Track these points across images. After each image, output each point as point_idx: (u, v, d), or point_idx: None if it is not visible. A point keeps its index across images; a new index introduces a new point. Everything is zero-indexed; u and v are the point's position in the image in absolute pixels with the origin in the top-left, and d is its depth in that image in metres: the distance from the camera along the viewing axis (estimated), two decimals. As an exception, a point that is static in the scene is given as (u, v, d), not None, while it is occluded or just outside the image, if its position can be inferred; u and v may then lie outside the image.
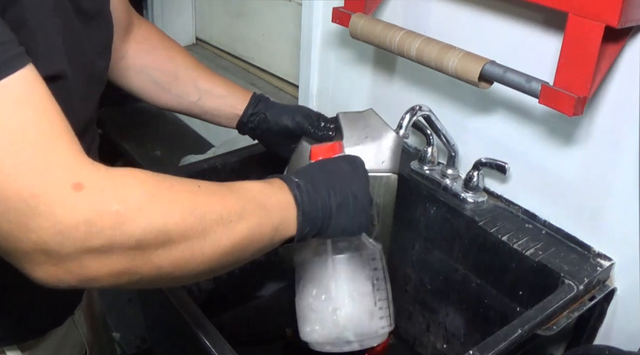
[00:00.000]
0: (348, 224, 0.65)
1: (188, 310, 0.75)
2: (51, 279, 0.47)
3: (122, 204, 0.46)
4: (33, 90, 0.46)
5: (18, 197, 0.43)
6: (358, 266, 0.76)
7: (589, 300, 0.85)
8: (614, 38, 0.74)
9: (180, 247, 0.50)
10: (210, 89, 0.93)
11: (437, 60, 0.90)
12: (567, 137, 0.89)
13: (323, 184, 0.63)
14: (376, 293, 0.76)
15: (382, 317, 0.77)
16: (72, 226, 0.44)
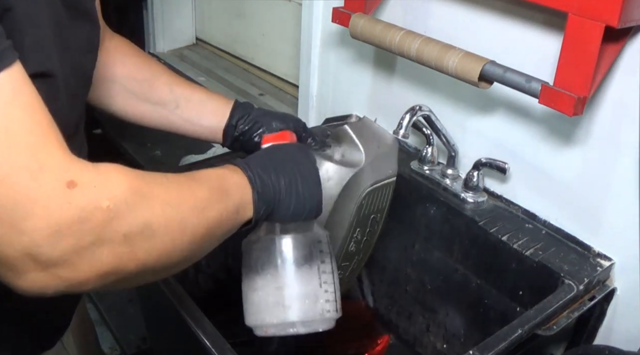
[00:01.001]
0: (298, 205, 0.66)
1: (188, 310, 0.75)
2: (38, 286, 0.46)
3: (112, 200, 0.46)
4: (21, 88, 0.45)
5: (11, 200, 0.43)
6: (305, 247, 0.75)
7: (589, 300, 0.85)
8: (614, 38, 0.74)
9: (163, 239, 0.51)
10: (188, 96, 0.86)
11: (437, 60, 0.90)
12: (567, 137, 0.89)
13: (272, 166, 0.65)
14: (322, 275, 0.76)
15: (328, 300, 0.75)
16: (66, 225, 0.44)
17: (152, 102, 0.85)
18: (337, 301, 0.77)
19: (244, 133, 0.86)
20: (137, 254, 0.49)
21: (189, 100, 0.86)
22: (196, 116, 0.86)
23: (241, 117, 0.86)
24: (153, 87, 0.85)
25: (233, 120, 0.86)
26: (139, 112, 0.86)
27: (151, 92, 0.85)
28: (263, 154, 0.70)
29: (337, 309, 0.77)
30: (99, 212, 0.45)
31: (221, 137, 0.87)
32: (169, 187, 0.53)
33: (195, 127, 0.87)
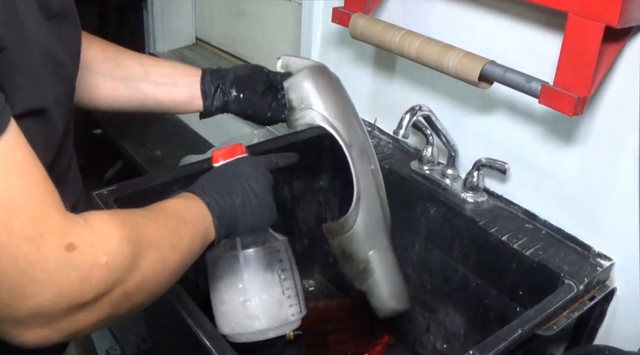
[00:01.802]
0: (253, 220, 0.71)
1: (188, 310, 0.75)
2: (38, 340, 0.47)
3: (109, 255, 0.48)
4: (18, 153, 0.45)
5: (13, 267, 0.44)
6: (265, 259, 0.81)
7: (589, 300, 0.85)
8: (614, 38, 0.74)
9: (151, 280, 0.54)
10: (156, 63, 0.85)
11: (437, 60, 0.90)
12: (567, 137, 0.89)
13: (225, 188, 0.69)
14: (283, 283, 0.81)
15: (292, 305, 0.82)
16: (67, 286, 0.46)
17: (122, 78, 0.83)
18: (300, 303, 0.84)
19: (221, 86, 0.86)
20: (131, 299, 0.52)
21: (158, 66, 0.85)
22: (169, 80, 0.85)
23: (213, 73, 0.87)
24: (120, 64, 0.83)
25: (206, 75, 0.86)
26: (111, 92, 0.83)
27: (119, 68, 0.83)
28: (215, 175, 0.73)
29: (300, 310, 0.83)
30: (98, 269, 0.47)
31: (200, 98, 0.86)
32: (150, 228, 0.56)
33: (170, 93, 0.85)
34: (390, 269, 0.90)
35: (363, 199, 0.86)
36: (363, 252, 0.88)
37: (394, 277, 0.90)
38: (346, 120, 0.87)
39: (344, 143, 0.86)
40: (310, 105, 0.85)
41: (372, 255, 0.88)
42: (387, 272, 0.89)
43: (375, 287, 0.89)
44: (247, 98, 0.87)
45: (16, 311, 0.45)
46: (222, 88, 0.86)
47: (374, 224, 0.88)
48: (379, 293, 0.89)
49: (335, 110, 0.86)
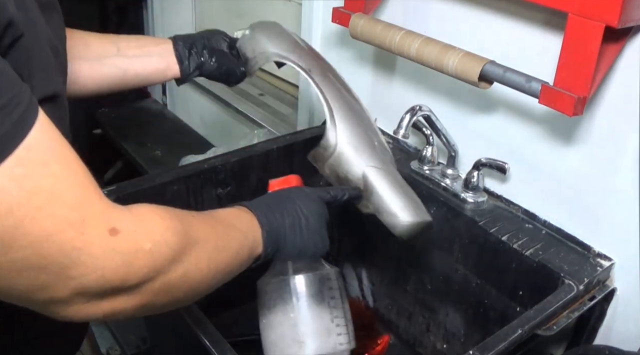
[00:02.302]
0: (302, 244, 0.71)
1: (188, 310, 0.75)
2: (80, 315, 0.48)
3: (153, 242, 0.49)
4: (52, 141, 0.46)
5: (60, 252, 0.45)
6: (314, 285, 0.80)
7: (589, 300, 0.85)
8: (614, 38, 0.74)
9: (194, 275, 0.55)
10: (124, 38, 0.87)
11: (437, 60, 0.90)
12: (567, 137, 0.89)
13: (275, 207, 0.70)
14: (332, 310, 0.80)
15: (340, 333, 0.80)
16: (112, 270, 0.47)
17: (96, 57, 0.85)
18: (349, 333, 0.81)
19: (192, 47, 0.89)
20: (171, 289, 0.52)
21: (126, 41, 0.87)
22: (141, 51, 0.87)
23: (182, 38, 0.89)
24: (89, 45, 0.84)
25: (178, 41, 0.89)
26: (89, 73, 0.84)
27: (90, 49, 0.84)
28: (267, 197, 0.74)
29: (349, 341, 0.81)
30: (142, 254, 0.48)
31: (176, 64, 0.88)
32: (197, 226, 0.57)
33: (145, 64, 0.87)
34: (393, 182, 0.84)
35: (337, 115, 0.84)
36: (357, 170, 0.83)
37: (400, 189, 0.84)
38: (299, 50, 0.90)
39: (301, 68, 0.86)
40: (261, 48, 0.90)
41: (368, 171, 0.83)
42: (390, 185, 0.83)
43: (381, 203, 0.83)
44: (219, 58, 0.91)
45: (60, 291, 0.46)
46: (194, 51, 0.89)
47: (358, 139, 0.84)
48: (387, 209, 0.83)
49: (283, 45, 0.90)
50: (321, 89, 0.85)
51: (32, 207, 0.43)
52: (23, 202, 0.43)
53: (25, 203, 0.43)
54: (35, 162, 0.44)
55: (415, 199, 0.85)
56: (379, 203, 0.83)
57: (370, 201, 0.84)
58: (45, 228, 0.44)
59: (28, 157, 0.43)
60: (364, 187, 0.83)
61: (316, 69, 0.88)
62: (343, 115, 0.84)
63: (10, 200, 0.42)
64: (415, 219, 0.83)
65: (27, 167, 0.43)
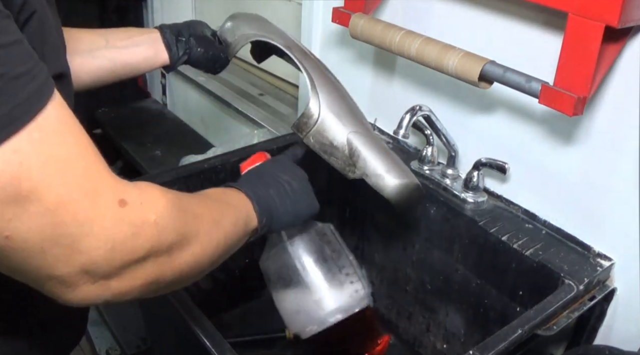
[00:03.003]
0: (293, 208, 0.73)
1: (188, 310, 0.75)
2: (88, 298, 0.49)
3: (157, 214, 0.50)
4: (65, 114, 0.47)
5: (73, 221, 0.45)
6: (312, 244, 0.82)
7: (589, 300, 0.85)
8: (614, 38, 0.74)
9: (195, 249, 0.56)
10: (111, 31, 0.89)
11: (437, 60, 0.90)
12: (567, 137, 0.89)
13: (256, 181, 0.72)
14: (337, 262, 0.83)
15: (352, 281, 0.83)
16: (121, 241, 0.47)
17: (86, 50, 0.86)
18: (361, 280, 0.84)
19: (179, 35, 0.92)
20: (175, 264, 0.53)
21: (114, 33, 0.89)
22: (129, 42, 0.89)
23: (169, 27, 0.92)
24: (78, 39, 0.86)
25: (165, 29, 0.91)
26: (81, 67, 0.85)
27: (79, 43, 0.85)
28: (245, 176, 0.77)
29: (364, 286, 0.84)
30: (148, 226, 0.49)
31: (164, 51, 0.91)
32: (193, 202, 0.58)
33: (135, 53, 0.89)
34: (377, 145, 0.86)
35: (319, 86, 0.86)
36: (341, 136, 0.84)
37: (385, 153, 0.86)
38: (277, 31, 0.94)
39: (281, 44, 0.89)
40: (240, 31, 0.94)
41: (352, 136, 0.84)
42: (375, 148, 0.85)
43: (368, 166, 0.84)
44: (204, 44, 0.94)
45: (69, 268, 0.46)
46: (182, 38, 0.92)
47: (339, 107, 0.86)
48: (374, 171, 0.84)
49: (262, 27, 0.94)
50: (302, 62, 0.88)
51: (48, 173, 0.44)
52: (40, 167, 0.44)
53: (41, 168, 0.44)
54: (52, 131, 0.45)
55: (400, 163, 0.87)
56: (365, 166, 0.84)
57: (357, 166, 0.84)
58: (60, 195, 0.45)
59: (45, 124, 0.45)
60: (349, 152, 0.84)
61: (295, 47, 0.91)
62: (323, 86, 0.87)
63: (28, 164, 0.43)
64: (402, 180, 0.84)
65: (45, 133, 0.45)
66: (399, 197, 0.84)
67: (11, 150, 0.43)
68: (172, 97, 2.12)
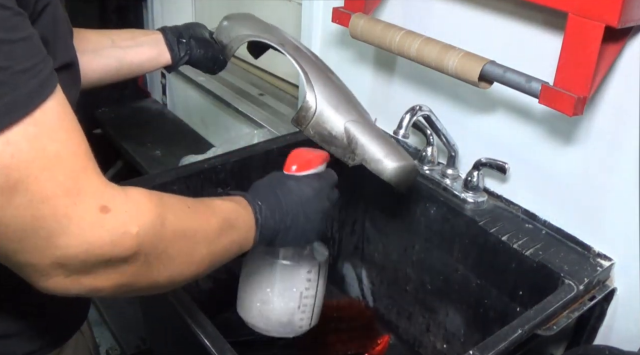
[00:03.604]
0: (294, 240, 0.73)
1: (188, 310, 0.75)
2: (60, 288, 0.50)
3: (140, 227, 0.50)
4: (63, 112, 0.48)
5: (53, 216, 0.46)
6: (293, 275, 0.86)
7: (589, 300, 0.85)
8: (614, 38, 0.74)
9: (176, 263, 0.56)
10: (115, 32, 0.92)
11: (437, 60, 0.90)
12: (567, 137, 0.89)
13: (278, 208, 0.70)
14: (303, 300, 0.87)
15: (302, 318, 0.89)
16: (98, 246, 0.48)
17: (92, 49, 0.89)
18: (312, 317, 0.90)
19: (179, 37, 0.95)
20: (152, 274, 0.54)
21: (118, 34, 0.92)
22: (133, 42, 0.92)
23: (170, 29, 0.95)
24: (84, 38, 0.88)
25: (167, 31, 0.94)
26: (88, 65, 0.87)
27: (86, 42, 0.88)
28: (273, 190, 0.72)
29: (310, 323, 0.90)
30: (128, 237, 0.49)
31: (167, 52, 0.94)
32: (188, 216, 0.58)
33: (139, 53, 0.92)
34: (374, 132, 0.89)
35: (313, 79, 0.88)
36: (339, 126, 0.87)
37: (382, 138, 0.89)
38: (270, 29, 0.97)
39: (274, 42, 0.92)
40: (235, 33, 0.97)
41: (349, 125, 0.87)
42: (372, 135, 0.88)
43: (367, 152, 0.87)
44: (204, 45, 0.97)
45: (44, 259, 0.47)
46: (183, 40, 0.95)
47: (335, 98, 0.89)
48: (373, 156, 0.87)
49: (255, 27, 0.98)
50: (295, 58, 0.90)
51: (37, 166, 0.45)
52: (30, 160, 0.45)
53: (32, 161, 0.45)
54: (47, 126, 0.46)
55: (396, 146, 0.90)
56: (364, 153, 0.87)
57: (356, 153, 0.88)
58: (45, 189, 0.46)
59: (42, 120, 0.46)
60: (347, 140, 0.87)
61: (288, 44, 0.93)
62: (318, 78, 0.89)
63: (20, 156, 0.45)
64: (400, 162, 0.87)
65: (40, 128, 0.46)
66: (397, 179, 0.88)
67: (5, 142, 0.44)
68: (172, 97, 2.12)
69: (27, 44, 0.46)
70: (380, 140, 0.88)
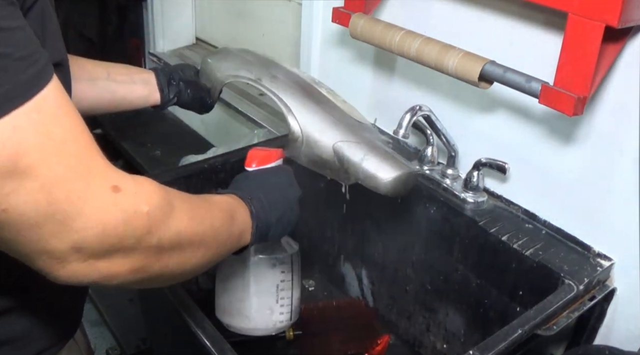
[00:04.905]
0: (281, 232, 0.75)
1: (188, 310, 0.75)
2: (76, 276, 0.50)
3: (150, 206, 0.51)
4: (63, 98, 0.49)
5: (67, 199, 0.47)
6: (269, 269, 0.88)
7: (589, 300, 0.85)
8: (614, 38, 0.74)
9: (185, 248, 0.57)
10: (110, 65, 0.94)
11: (437, 60, 0.90)
12: (567, 137, 0.89)
13: (267, 201, 0.72)
14: (280, 293, 0.89)
15: (282, 313, 0.89)
16: (112, 226, 0.49)
17: (88, 78, 0.90)
18: (291, 312, 0.91)
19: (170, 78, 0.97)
20: (164, 258, 0.55)
21: (114, 67, 0.94)
22: (127, 78, 0.94)
23: (161, 70, 0.98)
24: (81, 67, 0.89)
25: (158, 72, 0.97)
26: (82, 94, 0.88)
27: (83, 71, 0.89)
28: (259, 185, 0.75)
29: (290, 319, 0.92)
30: (140, 216, 0.50)
31: (157, 92, 0.96)
32: (193, 203, 0.60)
33: (132, 89, 0.95)
34: (364, 148, 0.88)
35: (293, 107, 0.89)
36: (328, 149, 0.87)
37: (373, 152, 0.87)
38: (246, 65, 0.98)
39: (250, 79, 0.94)
40: (214, 76, 0.99)
41: (338, 147, 0.87)
42: (361, 152, 0.87)
43: (359, 170, 0.87)
44: (193, 89, 1.00)
45: (61, 244, 0.48)
46: (173, 82, 0.98)
47: (319, 121, 0.89)
48: (365, 174, 0.86)
49: (230, 66, 0.98)
50: (272, 91, 0.91)
51: (46, 151, 0.46)
52: (38, 145, 0.46)
53: (40, 146, 0.46)
54: (49, 112, 0.47)
55: (389, 156, 0.89)
56: (357, 172, 0.87)
57: (350, 173, 0.87)
58: (56, 173, 0.46)
59: (44, 106, 0.47)
60: (339, 162, 0.87)
61: (265, 75, 0.94)
62: (299, 105, 0.90)
63: (27, 141, 0.45)
64: (393, 174, 0.86)
65: (43, 115, 0.46)
66: (394, 191, 0.87)
67: (11, 127, 0.44)
68: (172, 97, 2.12)
69: (23, 32, 0.47)
70: (371, 155, 0.87)
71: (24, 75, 0.46)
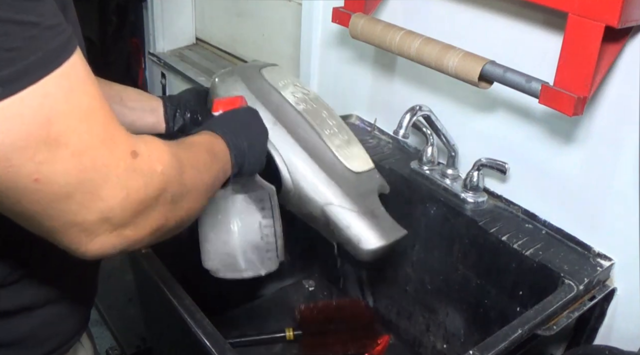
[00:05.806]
0: (255, 163, 0.78)
1: (188, 310, 0.75)
2: (105, 248, 0.51)
3: (164, 165, 0.53)
4: (87, 68, 0.50)
5: (94, 167, 0.48)
6: (250, 205, 0.88)
7: (589, 300, 0.85)
8: (614, 38, 0.74)
9: (192, 196, 0.59)
10: (122, 89, 0.95)
11: (437, 60, 0.90)
12: (567, 137, 0.89)
13: (237, 132, 0.75)
14: (263, 229, 0.89)
15: (269, 250, 0.90)
16: (135, 190, 0.50)
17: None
18: (277, 249, 0.90)
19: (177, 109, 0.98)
20: (178, 210, 0.57)
21: (126, 92, 0.95)
22: (138, 105, 0.95)
23: (169, 99, 0.99)
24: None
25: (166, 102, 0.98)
26: None
27: None
28: (226, 121, 0.79)
29: (277, 256, 0.91)
30: (156, 176, 0.52)
31: (163, 122, 0.97)
32: (190, 151, 0.63)
33: (142, 117, 0.96)
34: (352, 215, 0.87)
35: (289, 162, 0.89)
36: (317, 209, 0.88)
37: (360, 219, 0.87)
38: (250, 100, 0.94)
39: None
40: None
41: (326, 209, 0.87)
42: (348, 219, 0.87)
43: (342, 236, 0.87)
44: (198, 123, 0.99)
45: (91, 214, 0.48)
46: (179, 113, 0.98)
47: (313, 178, 0.88)
48: (349, 241, 0.87)
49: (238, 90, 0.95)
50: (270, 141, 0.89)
51: (74, 118, 0.47)
52: (68, 112, 0.46)
53: (69, 113, 0.46)
54: (77, 79, 0.48)
55: (375, 224, 0.87)
56: (340, 236, 0.88)
57: (335, 234, 0.88)
58: (84, 141, 0.47)
59: (72, 73, 0.47)
60: (326, 222, 0.88)
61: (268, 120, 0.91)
62: (294, 159, 0.89)
63: (57, 108, 0.46)
64: (374, 246, 0.86)
65: (71, 81, 0.47)
66: (373, 259, 0.89)
67: (42, 95, 0.45)
68: (172, 97, 2.12)
69: (49, 3, 0.47)
70: (356, 223, 0.86)
71: (54, 42, 0.46)
